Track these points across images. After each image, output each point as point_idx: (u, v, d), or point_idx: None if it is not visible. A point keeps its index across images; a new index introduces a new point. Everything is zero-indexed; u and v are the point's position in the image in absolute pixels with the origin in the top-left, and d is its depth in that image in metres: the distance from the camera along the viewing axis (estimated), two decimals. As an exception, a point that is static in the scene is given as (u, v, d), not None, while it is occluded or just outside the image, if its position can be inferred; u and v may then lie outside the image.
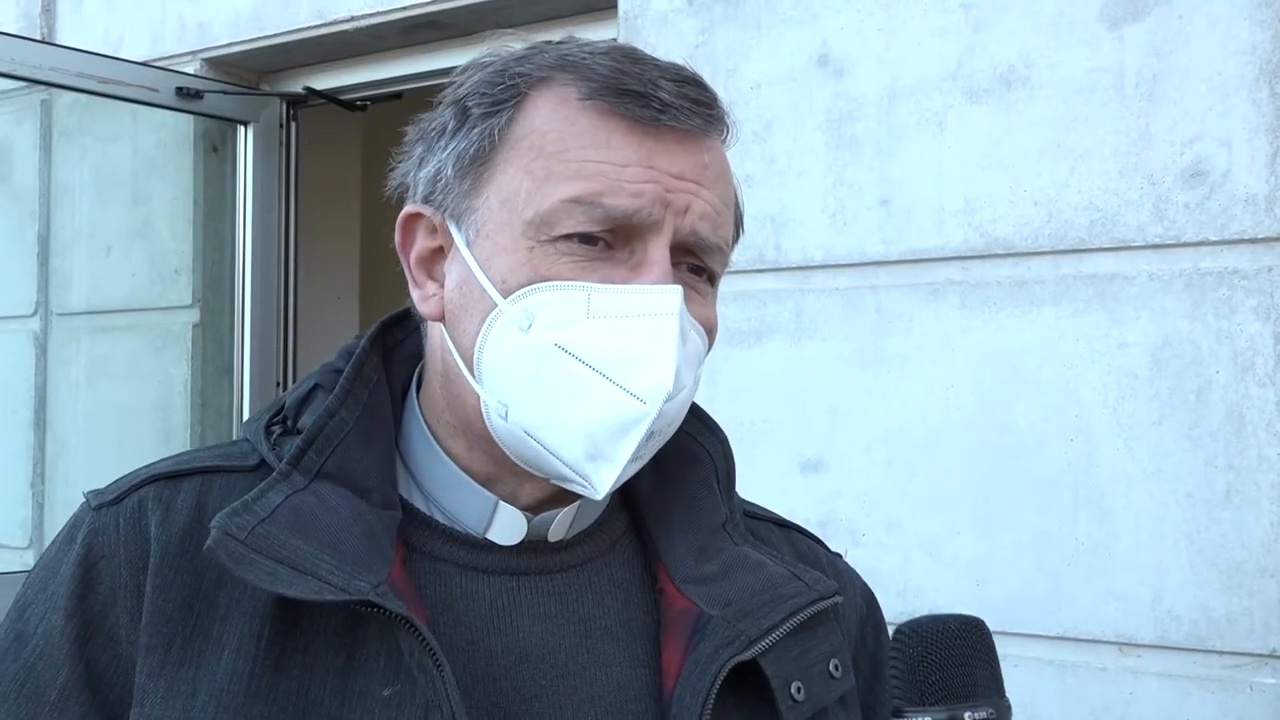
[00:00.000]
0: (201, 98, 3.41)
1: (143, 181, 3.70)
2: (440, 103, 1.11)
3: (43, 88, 3.62)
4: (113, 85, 3.30)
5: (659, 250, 1.02)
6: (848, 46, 2.48)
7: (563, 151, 1.02)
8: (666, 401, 1.00)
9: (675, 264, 1.04)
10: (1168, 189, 2.16)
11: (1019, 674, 2.24)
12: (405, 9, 3.12)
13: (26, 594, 1.05)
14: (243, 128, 3.56)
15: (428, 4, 3.08)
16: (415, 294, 1.11)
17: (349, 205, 4.07)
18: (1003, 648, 2.31)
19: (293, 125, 3.63)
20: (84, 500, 1.08)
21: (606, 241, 1.02)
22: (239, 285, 3.58)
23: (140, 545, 1.03)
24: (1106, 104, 2.21)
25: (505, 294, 1.02)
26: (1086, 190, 2.23)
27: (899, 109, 2.42)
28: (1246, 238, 2.09)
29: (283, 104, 3.60)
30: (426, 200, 1.09)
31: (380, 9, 3.17)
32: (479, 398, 1.05)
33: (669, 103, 1.02)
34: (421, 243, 1.10)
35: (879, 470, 2.41)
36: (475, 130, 1.05)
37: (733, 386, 2.56)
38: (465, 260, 1.05)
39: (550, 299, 1.01)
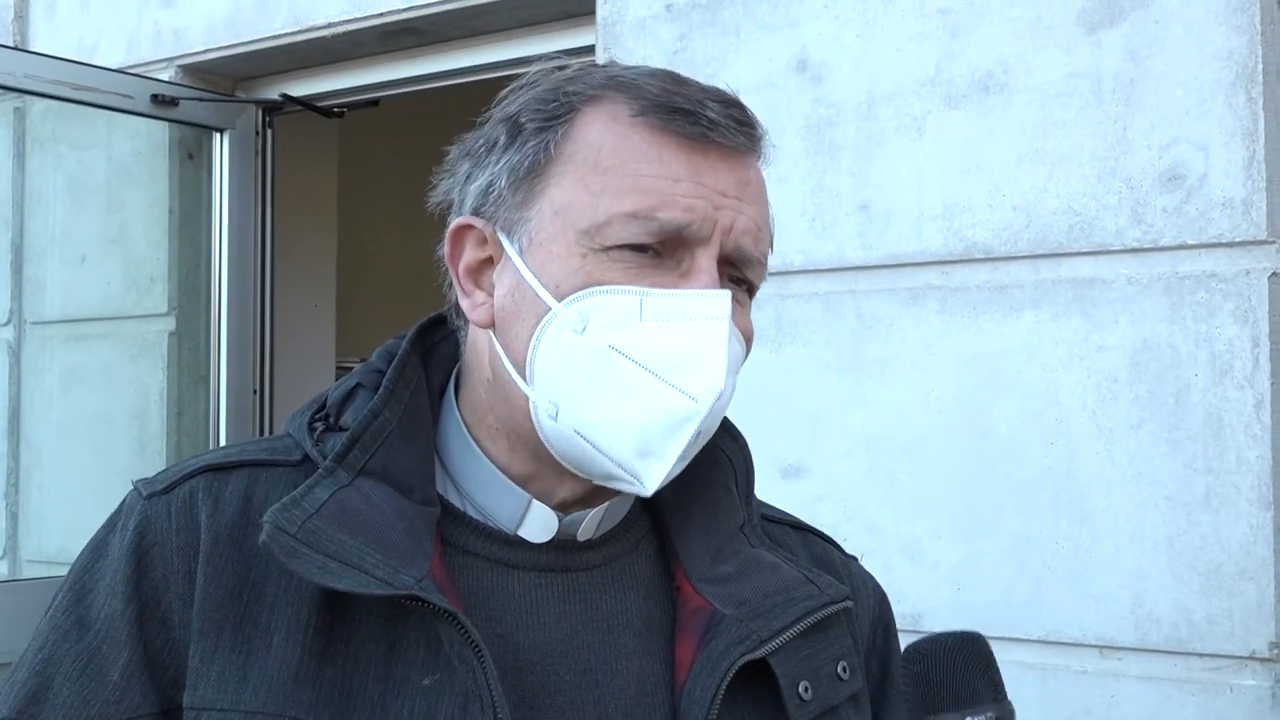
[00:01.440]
0: (176, 105, 3.40)
1: (117, 189, 3.68)
2: (486, 121, 1.16)
3: (16, 95, 3.60)
4: (87, 92, 3.28)
5: (707, 259, 1.07)
6: (826, 52, 2.49)
7: (618, 166, 1.07)
8: (717, 400, 1.05)
9: (720, 275, 1.09)
10: (1145, 193, 2.17)
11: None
12: (382, 15, 3.11)
13: (84, 580, 1.10)
14: (218, 135, 3.55)
15: (405, 10, 3.07)
16: (465, 303, 1.14)
17: (325, 213, 4.06)
18: (984, 652, 2.30)
19: (269, 132, 3.61)
20: (133, 489, 1.13)
21: (656, 250, 1.06)
22: (214, 293, 3.56)
23: (191, 533, 1.07)
24: (1084, 109, 2.23)
25: (559, 298, 1.07)
26: (1065, 194, 2.24)
27: (877, 114, 2.43)
28: (1224, 241, 2.11)
29: (259, 111, 3.59)
30: (476, 212, 1.13)
31: (357, 15, 3.16)
32: (528, 399, 1.09)
33: (716, 121, 1.07)
34: (471, 253, 1.14)
35: (860, 475, 2.42)
36: (530, 144, 1.10)
37: (713, 392, 2.55)
38: (518, 268, 1.09)
39: (604, 302, 1.05)
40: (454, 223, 1.14)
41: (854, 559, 1.32)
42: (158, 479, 1.12)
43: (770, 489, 2.45)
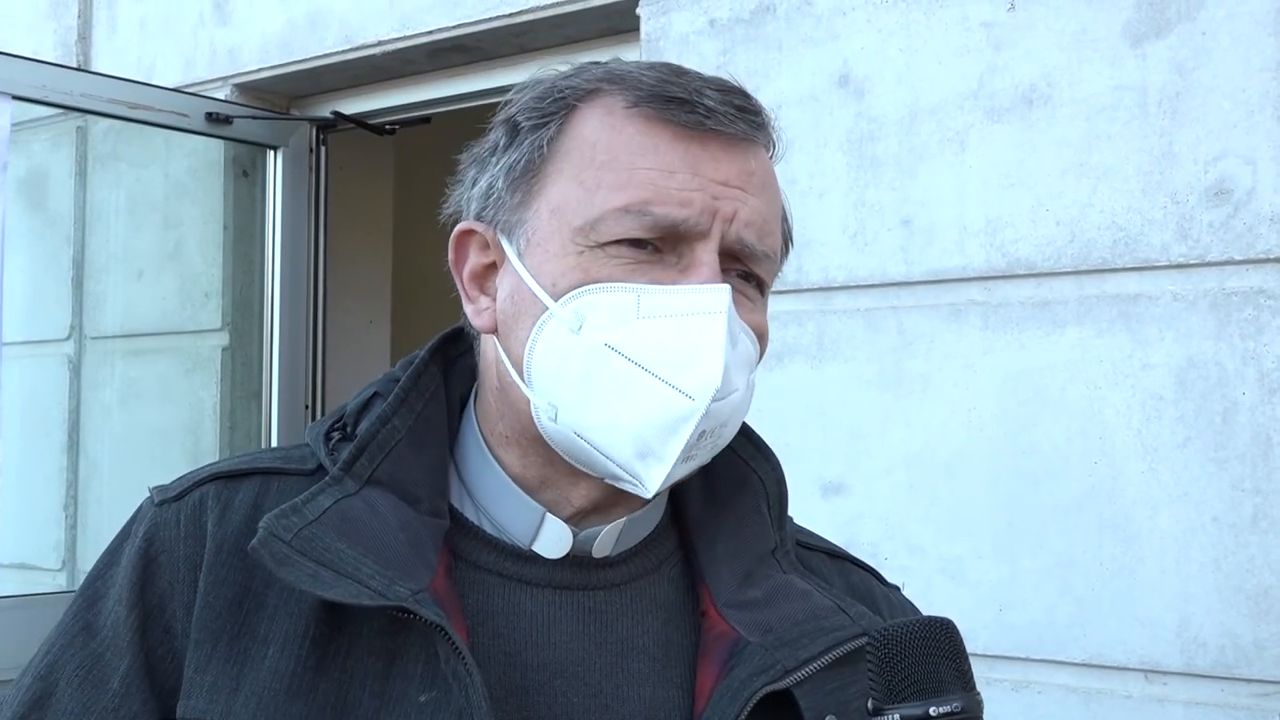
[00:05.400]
0: (231, 123, 3.44)
1: (174, 206, 3.73)
2: (492, 126, 1.14)
3: (78, 114, 3.66)
4: (144, 111, 3.33)
5: (707, 253, 1.04)
6: (869, 66, 2.47)
7: (611, 160, 1.04)
8: (715, 400, 1.01)
9: (724, 270, 1.05)
10: (1191, 208, 2.13)
11: (1043, 701, 2.21)
12: (431, 33, 3.13)
13: (95, 586, 1.10)
14: (272, 152, 3.58)
15: (453, 28, 3.09)
16: (469, 309, 1.13)
17: (380, 230, 4.08)
18: (1026, 674, 2.28)
19: (322, 149, 3.64)
20: (148, 495, 1.13)
21: (655, 246, 1.04)
22: (268, 309, 3.59)
23: (197, 542, 1.07)
24: (1129, 122, 2.19)
25: (556, 297, 1.04)
26: (1109, 209, 2.20)
27: (920, 129, 2.40)
28: (1272, 256, 2.06)
29: (312, 128, 3.62)
30: (478, 217, 1.12)
31: (407, 33, 3.18)
32: (529, 401, 1.07)
33: (714, 109, 1.04)
34: (474, 259, 1.13)
35: (901, 493, 2.38)
36: (525, 143, 1.08)
37: (754, 408, 2.53)
38: (516, 270, 1.07)
39: (601, 300, 1.03)
40: (457, 228, 1.13)
41: (896, 588, 1.27)
42: (171, 486, 1.12)
43: (810, 507, 2.44)
